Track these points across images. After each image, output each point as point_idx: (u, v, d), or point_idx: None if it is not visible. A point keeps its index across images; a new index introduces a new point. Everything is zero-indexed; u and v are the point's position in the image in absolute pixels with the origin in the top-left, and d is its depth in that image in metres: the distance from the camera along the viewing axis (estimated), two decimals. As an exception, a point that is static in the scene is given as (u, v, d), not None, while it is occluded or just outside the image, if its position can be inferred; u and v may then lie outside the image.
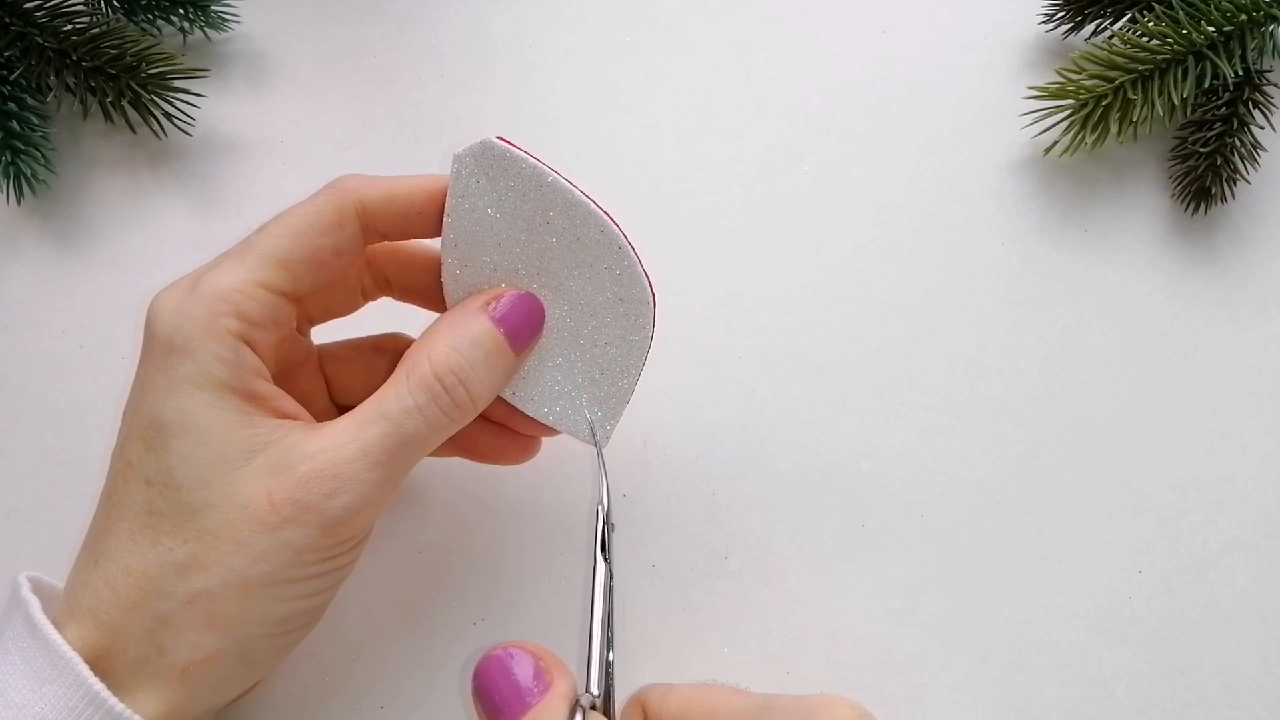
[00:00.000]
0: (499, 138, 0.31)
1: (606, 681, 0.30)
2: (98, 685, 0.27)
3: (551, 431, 0.35)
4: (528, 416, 0.34)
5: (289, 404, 0.31)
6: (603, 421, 0.34)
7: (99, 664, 0.28)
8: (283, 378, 0.34)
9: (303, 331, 0.35)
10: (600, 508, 0.32)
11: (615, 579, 0.32)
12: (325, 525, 0.28)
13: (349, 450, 0.29)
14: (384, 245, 0.34)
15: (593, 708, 0.29)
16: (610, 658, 0.30)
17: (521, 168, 0.31)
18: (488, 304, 0.32)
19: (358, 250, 0.32)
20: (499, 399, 0.33)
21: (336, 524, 0.28)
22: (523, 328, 0.32)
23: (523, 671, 0.29)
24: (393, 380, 0.30)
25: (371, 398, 0.30)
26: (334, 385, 0.36)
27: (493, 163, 0.31)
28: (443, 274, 0.33)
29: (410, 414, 0.29)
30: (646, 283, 0.33)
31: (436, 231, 0.32)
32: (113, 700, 0.27)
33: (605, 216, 0.32)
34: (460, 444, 0.35)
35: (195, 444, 0.29)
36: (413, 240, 0.34)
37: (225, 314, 0.29)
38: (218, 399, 0.29)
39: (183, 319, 0.29)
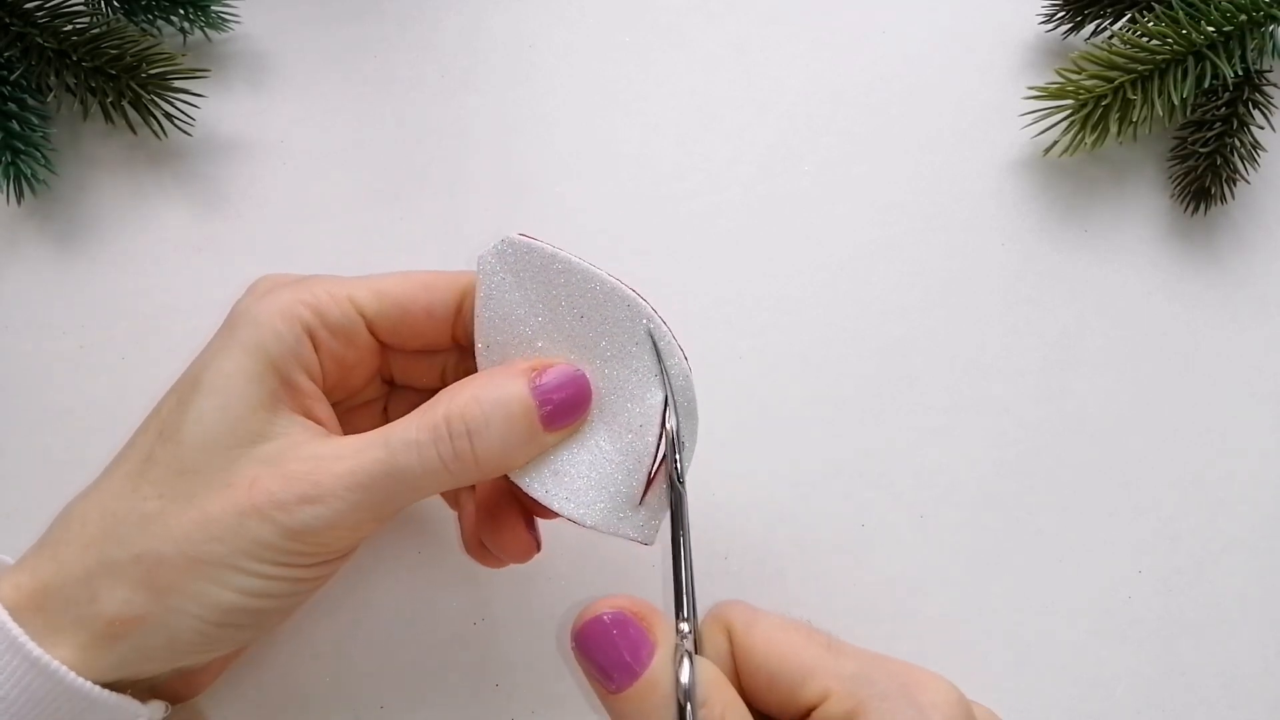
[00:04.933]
0: (520, 234, 0.31)
1: (693, 605, 0.29)
2: (16, 630, 0.27)
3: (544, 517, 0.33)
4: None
5: (321, 408, 0.31)
6: (645, 519, 0.31)
7: (35, 598, 0.28)
8: (345, 407, 0.34)
9: (385, 379, 0.35)
10: (667, 428, 0.31)
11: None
12: (289, 528, 0.28)
13: (340, 465, 0.29)
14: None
15: (689, 647, 0.28)
16: (691, 578, 0.29)
17: (543, 259, 0.31)
18: (532, 369, 0.30)
19: (447, 323, 0.32)
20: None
21: (302, 531, 0.28)
22: (562, 404, 0.30)
23: (627, 637, 0.28)
24: (414, 413, 0.30)
25: (389, 424, 0.30)
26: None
27: (516, 258, 0.31)
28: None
29: (408, 448, 0.29)
30: (682, 355, 0.31)
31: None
32: (31, 646, 0.27)
33: (631, 292, 0.31)
34: (463, 521, 0.35)
35: (215, 408, 0.29)
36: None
37: (305, 304, 0.30)
38: (257, 373, 0.29)
39: (268, 297, 0.31)
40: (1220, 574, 0.40)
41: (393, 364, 0.34)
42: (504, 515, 0.33)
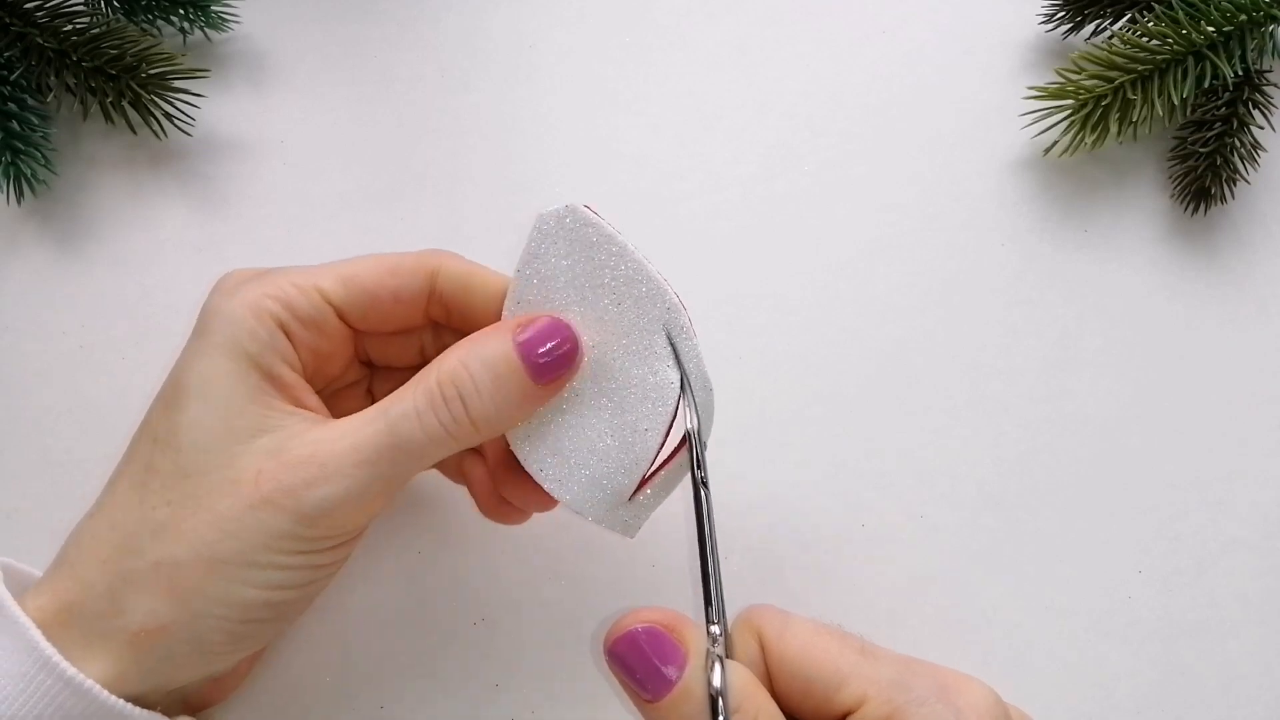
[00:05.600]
0: (586, 205, 0.31)
1: (722, 609, 0.29)
2: (49, 649, 0.27)
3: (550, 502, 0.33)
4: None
5: (309, 397, 0.32)
6: (630, 515, 0.32)
7: (60, 617, 0.28)
8: (329, 393, 0.34)
9: (362, 360, 0.35)
10: (690, 427, 0.31)
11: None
12: (302, 513, 0.28)
13: (342, 444, 0.29)
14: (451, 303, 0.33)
15: (720, 653, 0.28)
16: (720, 581, 0.29)
17: (601, 236, 0.31)
18: (518, 326, 0.30)
19: (417, 306, 0.32)
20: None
21: (314, 514, 0.28)
22: (548, 357, 0.30)
23: (659, 649, 0.28)
24: (408, 384, 0.30)
25: (385, 398, 0.30)
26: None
27: (574, 227, 0.31)
28: None
29: (407, 418, 0.29)
30: (705, 370, 0.31)
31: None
32: (64, 665, 0.27)
33: (674, 297, 0.31)
34: (474, 486, 0.35)
35: (207, 410, 0.29)
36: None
37: (273, 298, 0.30)
38: (240, 371, 0.30)
39: (236, 295, 0.30)
40: (1220, 574, 0.40)
41: (369, 346, 0.35)
42: (511, 479, 0.34)
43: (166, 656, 0.29)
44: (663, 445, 0.31)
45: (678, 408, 0.31)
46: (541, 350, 0.30)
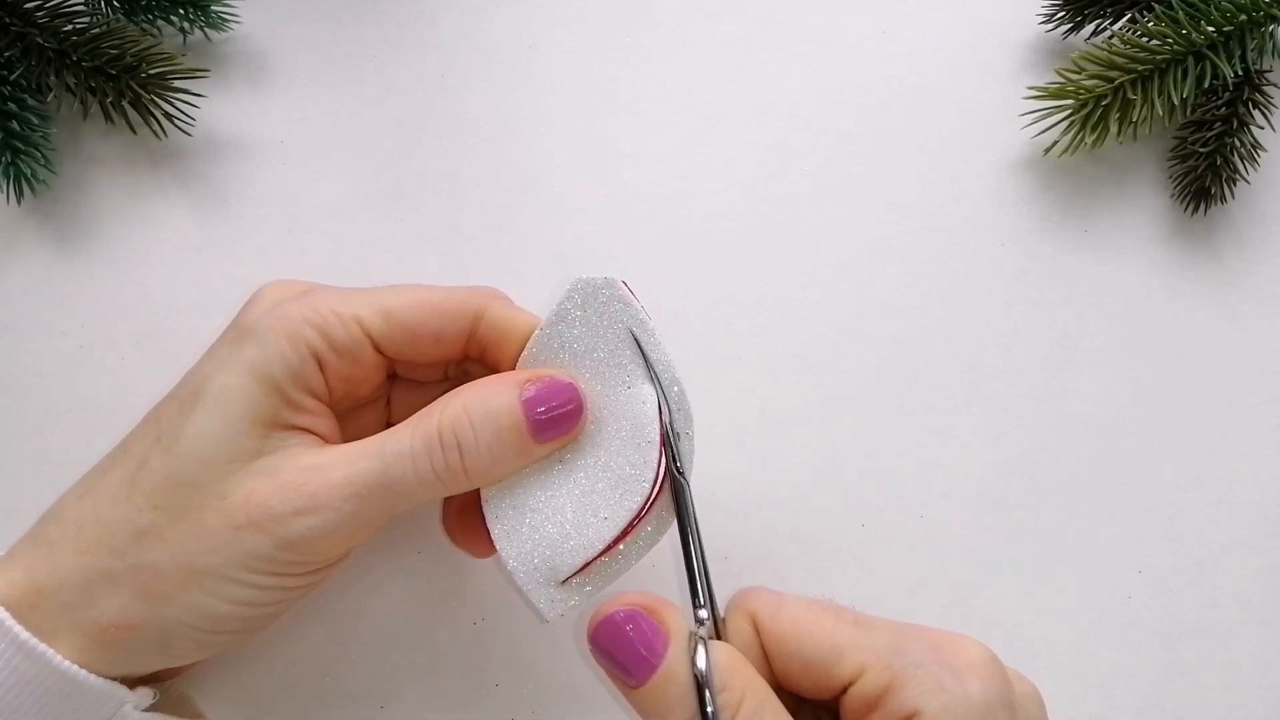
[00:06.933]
0: (624, 281, 0.31)
1: (709, 593, 0.29)
2: (1, 613, 0.27)
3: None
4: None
5: (324, 423, 0.31)
6: (558, 596, 0.31)
7: (29, 598, 0.28)
8: (349, 410, 0.34)
9: (388, 374, 0.35)
10: (663, 417, 0.31)
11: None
12: (285, 540, 0.28)
13: (335, 475, 0.29)
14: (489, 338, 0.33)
15: (705, 635, 0.28)
16: (705, 565, 0.29)
17: (632, 319, 0.31)
18: (526, 381, 0.30)
19: (456, 344, 0.32)
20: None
21: (296, 542, 0.28)
22: (549, 415, 0.30)
23: (640, 632, 0.28)
24: (409, 421, 0.30)
25: (383, 432, 0.30)
26: (395, 418, 0.35)
27: (608, 302, 0.31)
28: None
29: (402, 459, 0.29)
30: (691, 463, 0.31)
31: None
32: (18, 629, 0.27)
33: (686, 398, 0.31)
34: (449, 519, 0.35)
35: (216, 424, 0.29)
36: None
37: (312, 326, 0.30)
38: (260, 393, 0.29)
39: (275, 312, 0.30)
40: (1220, 574, 0.40)
41: (396, 364, 0.34)
42: (471, 512, 0.33)
43: (131, 651, 0.29)
44: (616, 538, 0.31)
45: (643, 509, 0.31)
46: (543, 408, 0.30)
